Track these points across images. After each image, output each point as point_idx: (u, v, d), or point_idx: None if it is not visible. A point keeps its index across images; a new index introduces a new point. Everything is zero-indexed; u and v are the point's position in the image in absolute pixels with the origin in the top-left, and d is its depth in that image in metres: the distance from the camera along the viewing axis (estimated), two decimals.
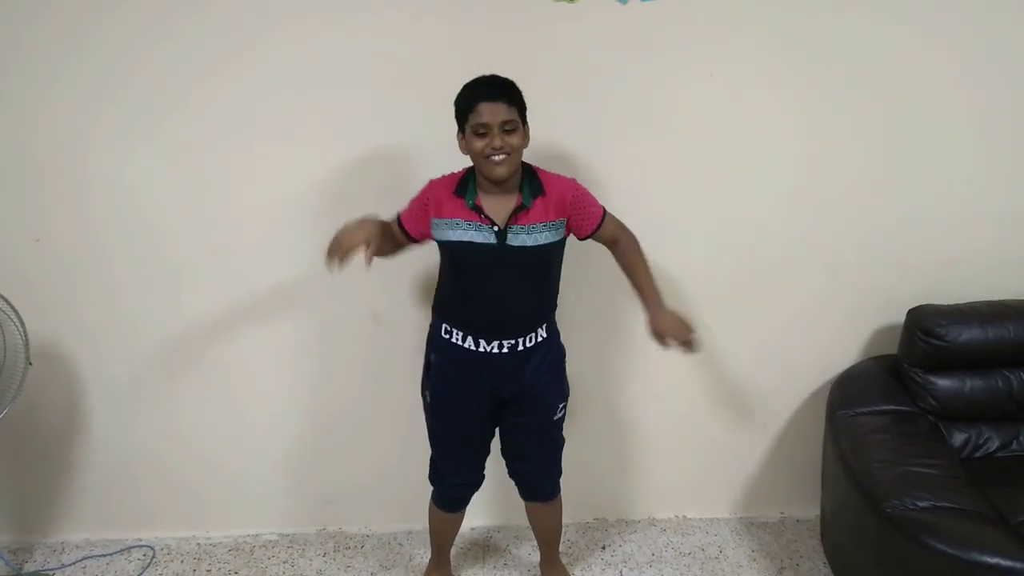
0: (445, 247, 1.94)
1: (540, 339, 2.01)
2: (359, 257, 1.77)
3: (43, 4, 2.11)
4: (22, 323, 2.11)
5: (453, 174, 1.94)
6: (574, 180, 1.94)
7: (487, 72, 1.86)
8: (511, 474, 2.21)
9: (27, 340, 2.12)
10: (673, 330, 1.92)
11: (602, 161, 2.25)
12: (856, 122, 2.26)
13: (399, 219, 1.98)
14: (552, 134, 2.19)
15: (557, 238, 1.92)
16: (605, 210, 1.97)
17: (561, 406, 2.11)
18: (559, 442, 2.18)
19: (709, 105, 2.24)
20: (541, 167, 1.94)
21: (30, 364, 2.14)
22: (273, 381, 2.51)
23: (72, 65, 2.16)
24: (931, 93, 2.24)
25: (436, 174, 1.95)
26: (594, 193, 1.96)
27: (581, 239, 1.98)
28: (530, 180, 1.90)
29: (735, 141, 2.28)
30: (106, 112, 2.20)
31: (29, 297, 2.24)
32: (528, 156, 1.93)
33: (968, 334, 2.22)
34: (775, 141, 2.28)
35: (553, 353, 2.07)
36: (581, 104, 2.22)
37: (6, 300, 2.09)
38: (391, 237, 1.97)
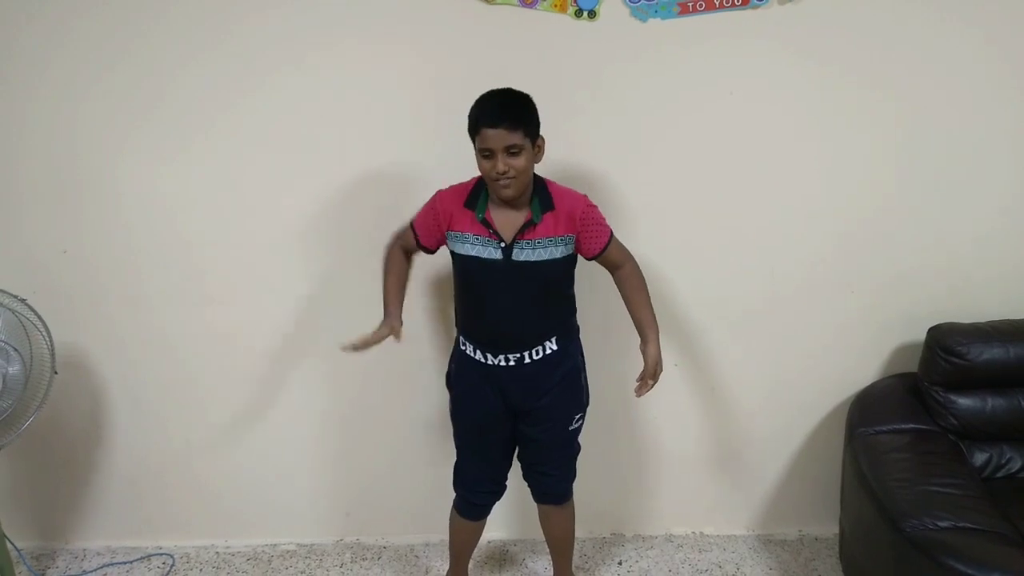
0: (455, 259, 1.98)
1: (549, 352, 2.01)
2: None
3: (77, 22, 2.16)
4: (48, 332, 2.14)
5: (463, 184, 1.96)
6: (586, 197, 1.94)
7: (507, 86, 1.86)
8: (525, 477, 2.22)
9: (53, 349, 2.15)
10: (656, 373, 2.00)
11: (620, 179, 2.26)
12: (876, 141, 2.26)
13: (414, 231, 2.00)
14: (570, 151, 2.21)
15: (566, 253, 1.93)
16: (612, 234, 1.97)
17: (578, 417, 2.12)
18: (574, 451, 2.19)
19: (728, 124, 2.24)
20: (557, 181, 1.95)
21: (55, 373, 2.16)
22: (293, 392, 2.53)
23: (106, 81, 2.21)
24: (950, 112, 2.23)
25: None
26: (612, 212, 1.96)
27: (588, 259, 1.99)
28: (540, 194, 1.90)
29: (753, 160, 2.28)
30: (138, 127, 2.25)
31: (56, 307, 2.26)
32: (546, 173, 1.94)
33: (989, 353, 2.20)
34: (794, 161, 2.28)
35: (565, 365, 2.06)
36: (600, 122, 2.23)
37: (33, 309, 2.12)
38: (404, 281, 2.08)
